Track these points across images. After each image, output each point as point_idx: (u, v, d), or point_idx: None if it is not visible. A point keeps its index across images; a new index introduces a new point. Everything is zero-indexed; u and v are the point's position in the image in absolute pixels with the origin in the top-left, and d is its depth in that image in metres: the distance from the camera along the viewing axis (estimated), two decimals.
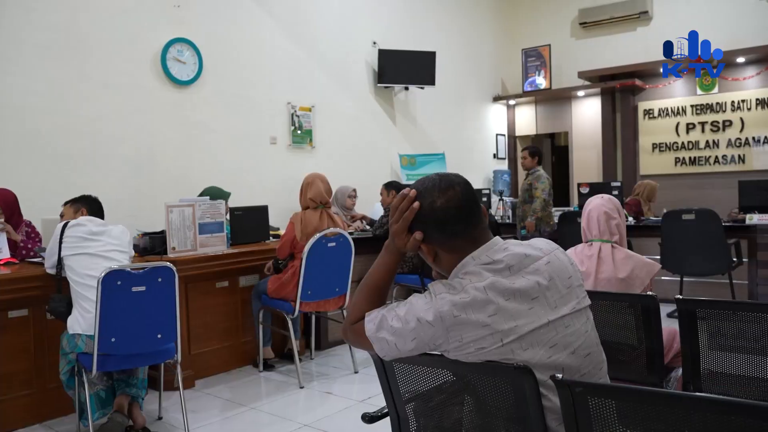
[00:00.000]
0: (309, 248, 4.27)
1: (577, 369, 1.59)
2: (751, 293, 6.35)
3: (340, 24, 7.25)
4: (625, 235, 2.92)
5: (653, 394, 1.47)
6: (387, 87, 7.82)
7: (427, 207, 1.61)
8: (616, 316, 2.66)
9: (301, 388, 4.34)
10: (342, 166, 7.02)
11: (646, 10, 8.78)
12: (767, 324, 2.41)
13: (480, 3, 9.61)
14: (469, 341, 1.52)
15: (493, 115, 9.86)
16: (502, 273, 1.57)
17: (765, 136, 8.05)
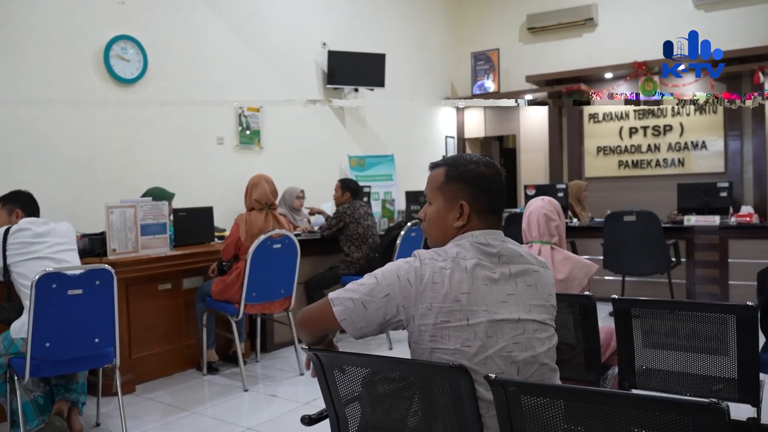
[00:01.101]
0: (254, 250, 4.23)
1: (531, 374, 1.63)
2: (689, 292, 6.55)
3: (290, 25, 7.21)
4: (565, 237, 2.98)
5: (583, 392, 1.50)
6: (336, 88, 7.81)
7: (489, 178, 1.73)
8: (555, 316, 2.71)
9: (246, 391, 4.29)
10: (291, 167, 6.97)
11: (591, 17, 8.97)
12: (697, 322, 2.49)
13: (430, 7, 9.68)
14: (437, 311, 1.56)
15: (443, 118, 9.94)
16: (490, 258, 1.64)
17: (703, 141, 8.32)
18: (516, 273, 1.65)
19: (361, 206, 5.69)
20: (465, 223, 1.71)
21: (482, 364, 1.56)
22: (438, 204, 1.75)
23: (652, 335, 2.57)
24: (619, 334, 2.59)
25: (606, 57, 8.80)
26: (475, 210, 1.70)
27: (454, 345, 1.56)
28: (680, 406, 1.32)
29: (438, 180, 1.76)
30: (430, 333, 1.57)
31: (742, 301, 2.44)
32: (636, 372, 2.62)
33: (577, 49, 9.17)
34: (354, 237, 5.56)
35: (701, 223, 6.44)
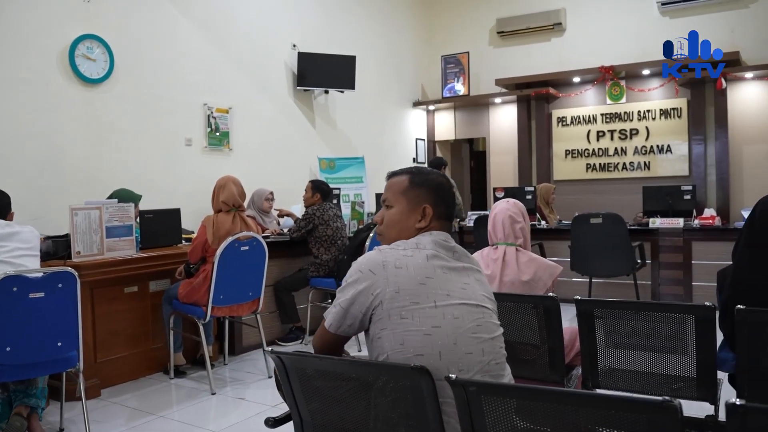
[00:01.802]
0: (221, 252, 4.20)
1: (493, 356, 1.75)
2: (654, 293, 6.66)
3: (259, 25, 7.18)
4: (530, 239, 3.01)
5: (541, 392, 1.53)
6: (307, 90, 7.79)
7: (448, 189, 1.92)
8: (519, 317, 2.75)
9: (213, 394, 4.26)
10: (260, 168, 6.94)
11: (560, 21, 9.09)
12: (658, 322, 2.54)
13: (400, 10, 9.72)
14: (405, 293, 1.67)
15: (413, 120, 9.98)
16: (446, 251, 1.79)
17: (668, 145, 8.46)
18: (467, 268, 1.81)
19: (331, 208, 5.69)
20: (426, 225, 1.85)
21: (453, 344, 1.65)
22: (401, 207, 1.88)
23: (615, 335, 2.62)
24: (582, 334, 2.63)
25: (574, 61, 8.92)
26: (436, 214, 1.86)
27: (426, 326, 1.65)
28: (636, 405, 1.35)
29: (402, 185, 1.89)
30: (401, 315, 1.66)
31: (705, 301, 2.50)
32: (599, 372, 2.66)
33: (546, 54, 9.28)
34: (323, 239, 5.55)
35: (666, 225, 6.56)
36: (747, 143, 8.04)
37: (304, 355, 1.76)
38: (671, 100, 8.43)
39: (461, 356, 1.65)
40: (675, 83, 8.22)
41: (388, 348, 1.67)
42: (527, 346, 2.76)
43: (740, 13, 8.09)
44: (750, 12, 8.04)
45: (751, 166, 8.03)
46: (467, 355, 1.66)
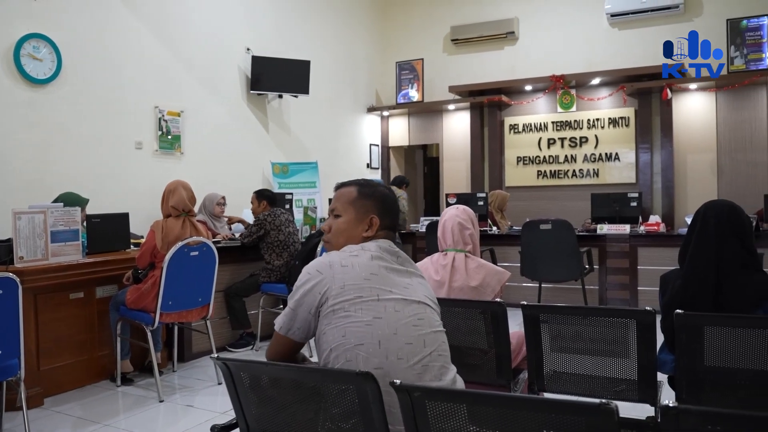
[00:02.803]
0: (170, 257, 4.14)
1: (436, 348, 1.82)
2: (601, 298, 6.81)
3: (212, 28, 7.10)
4: (479, 245, 3.05)
5: (484, 396, 1.55)
6: (260, 94, 7.75)
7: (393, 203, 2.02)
8: (468, 322, 2.78)
9: (161, 401, 4.19)
10: (212, 172, 6.87)
11: (512, 30, 9.24)
12: (601, 327, 2.60)
13: (356, 15, 9.74)
14: (350, 288, 1.75)
15: (367, 126, 10.00)
16: (391, 255, 1.88)
17: (616, 153, 8.68)
18: (410, 272, 1.89)
19: (282, 213, 5.67)
20: (372, 235, 1.94)
21: (394, 334, 1.72)
22: (349, 216, 1.96)
23: (560, 340, 2.67)
24: (528, 339, 2.68)
25: (526, 70, 9.08)
26: (382, 225, 1.96)
27: (368, 317, 1.72)
28: (575, 408, 1.38)
29: (350, 196, 1.99)
30: (345, 309, 1.72)
31: (650, 305, 2.58)
32: (545, 375, 2.71)
33: (499, 62, 9.43)
34: (275, 244, 5.52)
35: (613, 231, 6.72)
36: (691, 152, 8.29)
37: (249, 362, 1.76)
38: (619, 110, 8.64)
39: (401, 345, 1.72)
40: (623, 93, 8.44)
41: (332, 341, 1.73)
42: (475, 351, 2.79)
43: (684, 26, 8.32)
44: (694, 25, 8.28)
45: (695, 175, 8.29)
46: (407, 345, 1.74)
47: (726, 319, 2.36)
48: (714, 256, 2.44)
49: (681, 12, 8.30)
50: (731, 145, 8.10)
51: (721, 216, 2.47)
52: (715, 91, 8.10)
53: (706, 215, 2.51)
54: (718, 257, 2.43)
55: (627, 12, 8.53)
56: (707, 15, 8.22)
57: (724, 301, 2.41)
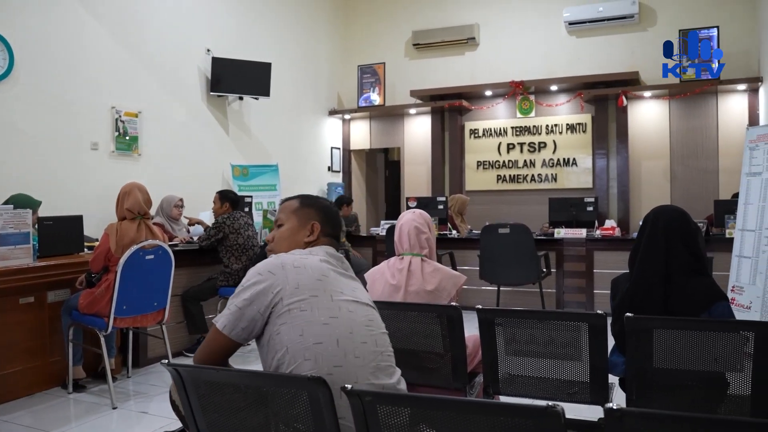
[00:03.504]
0: (124, 261, 4.06)
1: (385, 348, 1.87)
2: (559, 301, 6.91)
3: (172, 28, 7.01)
4: (435, 249, 3.07)
5: (434, 401, 1.56)
6: (220, 96, 7.67)
7: (335, 213, 2.11)
8: (424, 326, 2.80)
9: (114, 408, 4.11)
10: (171, 174, 6.78)
11: (473, 36, 9.33)
12: (554, 330, 2.64)
13: (318, 19, 9.72)
14: (305, 287, 1.78)
15: (329, 129, 9.98)
16: (336, 260, 1.94)
17: (573, 158, 8.82)
18: (354, 278, 1.95)
19: (242, 216, 5.62)
20: (314, 240, 2.01)
21: (349, 333, 1.76)
22: (291, 224, 2.04)
23: (514, 343, 2.70)
24: (483, 342, 2.70)
25: (486, 75, 9.19)
26: (323, 232, 2.03)
27: (324, 317, 1.75)
28: (522, 411, 1.40)
29: (293, 206, 2.08)
30: (300, 308, 1.74)
31: (605, 308, 2.63)
32: (500, 379, 2.74)
33: (460, 67, 9.51)
34: (234, 248, 5.47)
35: (570, 235, 6.83)
36: (645, 158, 8.48)
37: (200, 368, 1.74)
38: (577, 116, 8.79)
39: (357, 344, 1.76)
40: (581, 99, 8.60)
41: (287, 341, 1.73)
42: (431, 355, 2.81)
43: (640, 36, 8.55)
44: (648, 35, 8.51)
45: (649, 180, 8.48)
46: (362, 344, 1.78)
47: (674, 322, 2.42)
48: (662, 260, 2.50)
49: (636, 22, 8.49)
50: (683, 151, 8.31)
51: (669, 222, 2.54)
52: (668, 99, 8.31)
53: (655, 221, 2.57)
54: (666, 262, 2.49)
55: (584, 20, 8.70)
56: (661, 25, 8.42)
57: (672, 305, 2.47)
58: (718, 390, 2.42)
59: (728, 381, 2.39)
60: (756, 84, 7.79)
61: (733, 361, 2.36)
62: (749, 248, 5.32)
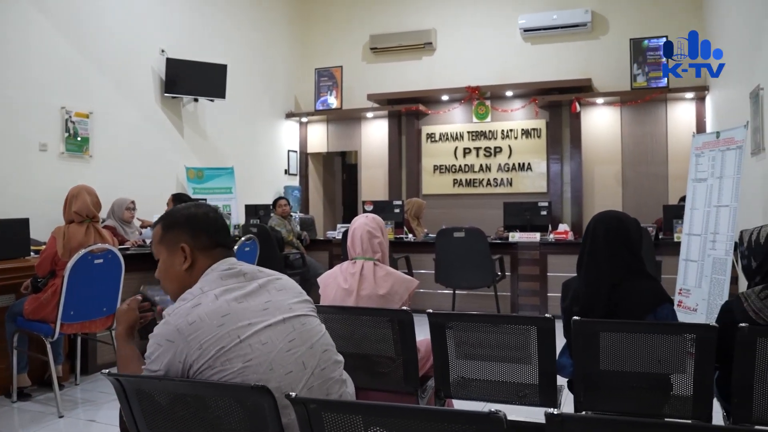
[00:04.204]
0: (72, 265, 3.97)
1: (317, 363, 1.74)
2: (513, 304, 6.99)
3: (125, 27, 6.89)
4: (388, 253, 3.07)
5: (378, 407, 1.56)
6: (175, 97, 7.57)
7: (202, 216, 1.83)
8: (375, 331, 2.80)
9: (61, 417, 4.00)
10: (123, 177, 6.65)
11: (430, 41, 9.40)
12: (504, 334, 2.67)
13: (275, 21, 9.67)
14: (208, 345, 1.60)
15: (286, 132, 9.93)
16: (237, 279, 1.73)
17: (528, 163, 8.95)
18: (264, 284, 1.76)
19: None
20: (191, 263, 1.78)
21: (270, 370, 1.62)
22: (163, 256, 1.82)
23: (465, 347, 2.72)
24: (434, 346, 2.72)
25: (443, 80, 9.26)
26: (198, 248, 1.79)
27: (238, 365, 1.60)
28: (465, 417, 1.41)
29: (157, 235, 1.85)
30: (212, 367, 1.60)
31: (558, 312, 2.67)
32: (451, 382, 2.76)
33: (417, 71, 9.57)
34: None
35: (524, 239, 6.92)
36: (598, 163, 8.66)
37: (142, 377, 1.70)
38: (532, 121, 8.93)
39: (281, 378, 1.63)
40: (535, 105, 8.73)
41: None
42: (383, 359, 2.81)
43: (592, 44, 8.73)
44: (601, 43, 8.70)
45: (602, 185, 8.66)
46: (287, 375, 1.65)
47: (619, 325, 2.47)
48: (605, 265, 2.55)
49: (589, 30, 8.67)
50: (634, 157, 8.51)
51: (610, 228, 2.59)
52: (620, 106, 8.49)
53: (596, 228, 2.62)
54: (610, 266, 2.55)
55: (539, 28, 8.84)
56: (612, 34, 8.62)
57: (617, 308, 2.52)
58: (663, 391, 2.48)
59: (672, 382, 2.46)
60: (703, 93, 8.04)
61: (676, 362, 2.42)
62: (695, 252, 5.47)
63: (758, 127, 5.25)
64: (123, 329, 1.95)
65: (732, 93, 6.55)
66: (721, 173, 5.31)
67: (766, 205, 5.18)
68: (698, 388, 2.37)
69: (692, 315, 5.33)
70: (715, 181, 5.36)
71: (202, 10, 8.11)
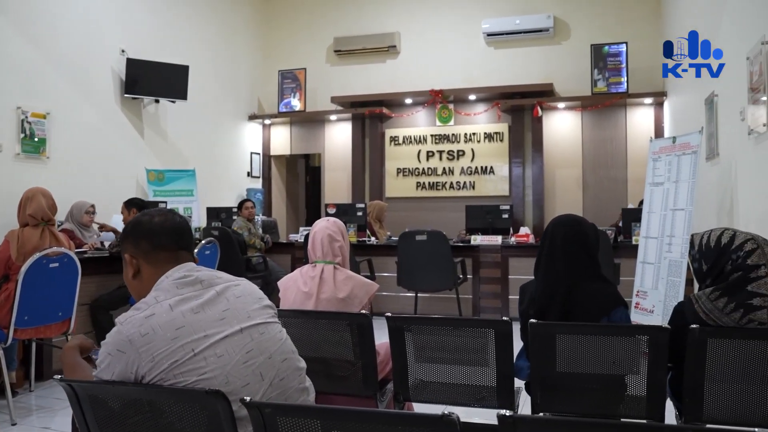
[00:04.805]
0: (26, 269, 3.87)
1: (276, 373, 1.70)
2: (475, 307, 7.04)
3: (84, 26, 6.76)
4: (348, 257, 3.07)
5: (334, 411, 1.57)
6: (136, 98, 7.46)
7: (146, 221, 1.78)
8: (335, 334, 2.80)
9: (14, 424, 3.90)
10: (82, 179, 6.54)
11: (394, 44, 9.44)
12: (462, 337, 2.70)
13: (238, 22, 9.60)
14: (161, 358, 1.56)
15: (249, 134, 9.86)
16: (193, 287, 1.68)
17: (491, 166, 9.04)
18: (222, 290, 1.72)
19: None
20: (136, 271, 1.76)
21: (225, 383, 1.58)
22: (124, 267, 1.80)
23: (424, 350, 2.73)
24: (393, 349, 2.72)
25: (407, 83, 9.29)
26: (142, 256, 1.75)
27: (192, 379, 1.56)
28: (419, 420, 1.42)
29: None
30: (165, 380, 1.56)
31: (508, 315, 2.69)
32: (410, 386, 2.77)
33: (381, 74, 9.59)
34: None
35: (486, 242, 6.98)
36: (559, 167, 8.79)
37: (95, 383, 1.67)
38: (494, 125, 9.01)
39: (238, 390, 1.59)
40: (498, 109, 8.82)
41: None
42: (342, 363, 2.81)
43: (554, 49, 8.86)
44: (562, 48, 8.83)
45: (563, 188, 8.80)
46: (244, 387, 1.61)
47: (575, 327, 2.51)
48: (562, 268, 2.59)
49: (551, 35, 8.80)
50: (595, 161, 8.66)
51: (567, 232, 2.63)
52: (580, 111, 8.64)
53: (553, 231, 2.67)
54: (566, 269, 2.59)
55: (502, 32, 8.94)
56: (574, 39, 8.76)
57: (574, 310, 2.56)
58: (617, 392, 2.53)
59: (626, 383, 2.50)
60: (661, 98, 8.22)
61: (631, 364, 2.47)
62: (652, 255, 5.59)
63: (713, 133, 5.38)
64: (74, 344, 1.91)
65: (688, 99, 6.71)
66: (677, 177, 5.43)
67: (719, 209, 5.32)
68: (651, 389, 2.42)
69: (649, 316, 5.44)
70: (672, 185, 5.48)
71: (164, 10, 8.01)
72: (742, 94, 4.37)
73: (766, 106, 3.88)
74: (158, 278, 1.71)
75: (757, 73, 4.05)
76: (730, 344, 2.33)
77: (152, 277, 1.72)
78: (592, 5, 8.76)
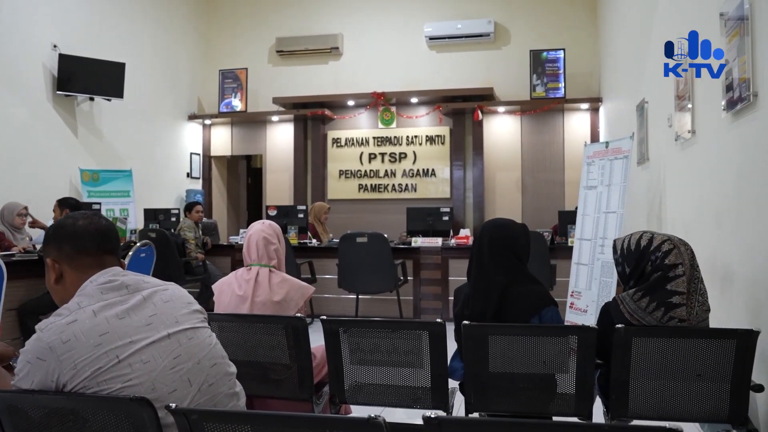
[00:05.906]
0: None
1: (204, 379, 1.67)
2: (416, 308, 7.08)
3: (12, 19, 6.52)
4: (284, 260, 3.06)
5: (263, 416, 1.56)
6: (69, 95, 7.24)
7: (69, 224, 1.71)
8: (270, 338, 2.78)
9: None
10: (11, 179, 6.31)
11: (337, 46, 9.43)
12: (397, 339, 2.71)
13: (177, 19, 9.42)
14: (84, 365, 1.52)
15: (188, 134, 9.69)
16: (119, 292, 1.64)
17: (432, 169, 9.13)
18: (149, 295, 1.68)
19: None
20: (59, 276, 1.70)
21: (152, 390, 1.55)
22: (46, 272, 1.73)
23: (359, 352, 2.74)
24: (329, 352, 2.72)
25: (349, 85, 9.31)
26: (65, 260, 1.69)
27: (117, 386, 1.53)
28: (346, 423, 1.43)
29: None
30: (88, 387, 1.52)
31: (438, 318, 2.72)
32: (346, 388, 2.77)
33: (324, 76, 9.57)
34: None
35: (426, 244, 7.03)
36: (499, 170, 8.94)
37: (14, 392, 1.62)
38: (436, 128, 9.10)
39: (165, 397, 1.56)
40: (439, 112, 8.92)
41: None
42: (278, 366, 2.79)
43: (494, 54, 9.01)
44: (502, 53, 8.99)
45: (502, 191, 8.96)
46: (171, 393, 1.57)
47: (506, 328, 2.55)
48: (492, 271, 2.64)
49: (492, 40, 8.95)
50: (533, 165, 8.84)
51: (494, 236, 2.69)
52: (520, 115, 8.81)
53: (482, 236, 2.72)
54: (496, 271, 2.64)
55: (444, 36, 9.05)
56: (514, 45, 8.93)
57: (505, 312, 2.61)
58: (548, 390, 2.59)
59: (557, 381, 2.57)
60: (597, 104, 8.46)
61: (560, 363, 2.53)
62: (586, 256, 5.74)
63: (643, 138, 5.56)
64: None
65: (621, 105, 6.92)
66: (609, 181, 5.59)
67: (649, 212, 5.50)
68: (580, 387, 2.48)
69: (583, 316, 5.59)
70: (604, 189, 5.64)
71: (99, 5, 7.80)
72: (670, 102, 4.53)
73: (691, 114, 4.03)
74: (82, 283, 1.65)
75: (683, 81, 4.21)
76: (653, 343, 2.41)
77: (75, 282, 1.67)
78: (532, 12, 8.94)
